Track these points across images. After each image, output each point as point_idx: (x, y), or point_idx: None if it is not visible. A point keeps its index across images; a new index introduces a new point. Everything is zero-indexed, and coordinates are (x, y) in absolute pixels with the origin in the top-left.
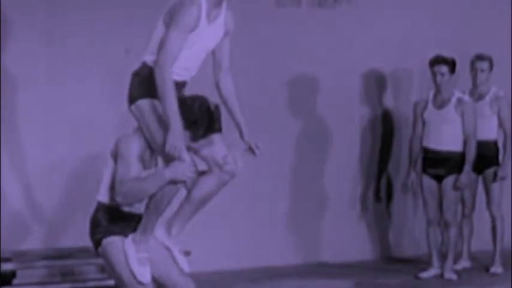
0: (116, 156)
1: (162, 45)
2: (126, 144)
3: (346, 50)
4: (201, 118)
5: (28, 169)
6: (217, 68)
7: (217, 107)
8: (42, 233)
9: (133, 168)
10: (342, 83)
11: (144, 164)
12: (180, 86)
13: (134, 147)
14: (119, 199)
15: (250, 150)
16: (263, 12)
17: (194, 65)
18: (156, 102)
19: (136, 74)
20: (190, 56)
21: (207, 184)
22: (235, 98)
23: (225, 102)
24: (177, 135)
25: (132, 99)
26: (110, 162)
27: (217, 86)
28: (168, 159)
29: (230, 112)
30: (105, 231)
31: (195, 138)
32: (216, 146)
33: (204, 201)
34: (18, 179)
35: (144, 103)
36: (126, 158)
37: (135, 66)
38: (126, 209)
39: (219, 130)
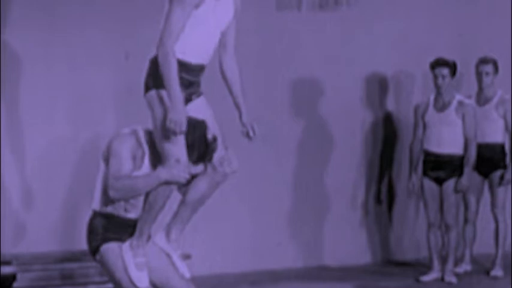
0: (107, 158)
1: (164, 21)
2: (119, 142)
3: (348, 52)
4: (198, 145)
5: (28, 171)
6: (222, 50)
7: (215, 138)
8: (42, 236)
9: (126, 165)
10: (343, 85)
11: (135, 162)
12: (196, 69)
13: (126, 145)
14: (111, 194)
15: (247, 133)
16: (264, 15)
17: (208, 46)
18: (165, 93)
19: (152, 62)
20: (203, 36)
21: (200, 186)
22: (238, 81)
23: (227, 84)
24: (178, 111)
25: (146, 88)
26: (102, 166)
27: (221, 67)
28: (164, 157)
29: (232, 93)
30: (102, 238)
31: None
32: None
33: (198, 204)
34: (18, 181)
35: (154, 94)
36: (119, 155)
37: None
38: (122, 214)
39: (210, 160)
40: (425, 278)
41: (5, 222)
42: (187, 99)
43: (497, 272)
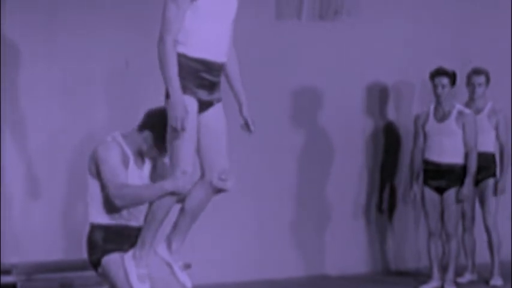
0: (96, 170)
1: (162, 17)
2: (106, 151)
3: (348, 62)
4: None
5: (27, 179)
6: None
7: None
8: (42, 245)
9: (119, 170)
10: (344, 95)
11: (124, 167)
12: (216, 67)
13: (114, 151)
14: (117, 202)
15: (246, 126)
16: (264, 25)
17: (220, 41)
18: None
19: None
20: (212, 30)
21: (197, 193)
22: (238, 73)
23: (229, 81)
24: (178, 107)
25: (167, 95)
26: (91, 181)
27: None
28: (171, 165)
29: (231, 86)
30: (103, 251)
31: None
32: (221, 155)
33: (197, 211)
34: (18, 187)
35: None
36: (111, 162)
37: None
38: (123, 223)
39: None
40: (426, 287)
41: (5, 231)
42: (210, 104)
43: (497, 281)
